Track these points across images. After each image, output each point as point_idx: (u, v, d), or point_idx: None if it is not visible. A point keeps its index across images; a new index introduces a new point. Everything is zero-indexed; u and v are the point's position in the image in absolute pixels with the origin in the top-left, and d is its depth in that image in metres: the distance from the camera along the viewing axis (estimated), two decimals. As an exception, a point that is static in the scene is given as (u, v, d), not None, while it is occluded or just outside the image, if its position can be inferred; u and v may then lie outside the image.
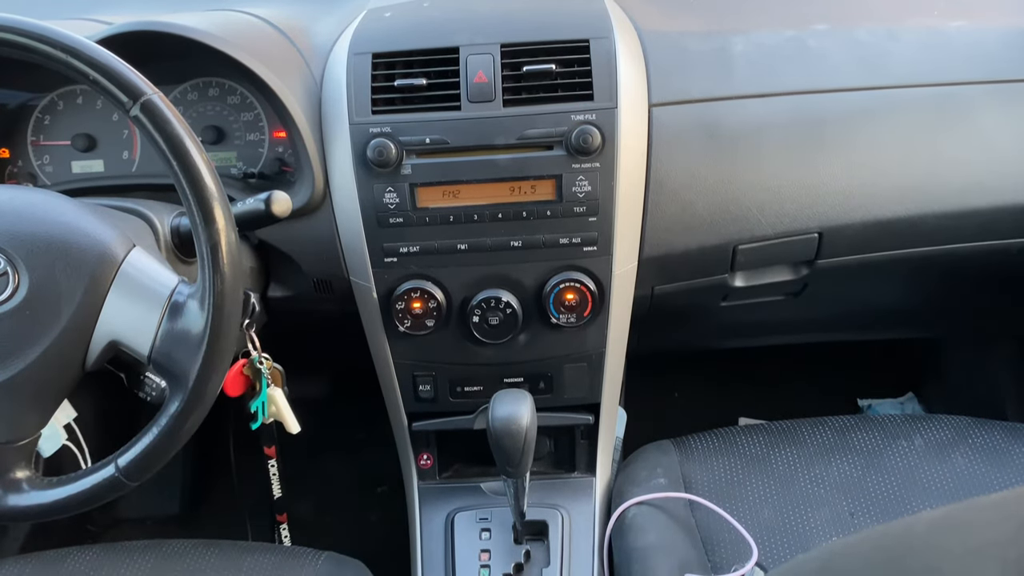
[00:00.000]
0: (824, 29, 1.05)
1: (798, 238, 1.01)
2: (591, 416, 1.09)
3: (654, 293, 1.07)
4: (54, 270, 0.74)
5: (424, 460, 1.12)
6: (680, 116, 0.98)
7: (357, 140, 0.93)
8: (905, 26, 1.06)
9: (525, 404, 0.88)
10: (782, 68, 1.01)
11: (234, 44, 0.94)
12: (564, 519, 1.05)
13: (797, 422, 1.10)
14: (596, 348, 1.02)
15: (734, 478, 1.02)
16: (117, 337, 0.75)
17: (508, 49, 0.95)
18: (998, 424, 1.07)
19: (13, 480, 0.76)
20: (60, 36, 0.71)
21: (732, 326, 1.35)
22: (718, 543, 0.95)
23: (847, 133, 1.00)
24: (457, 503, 1.09)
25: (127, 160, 1.04)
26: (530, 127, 0.92)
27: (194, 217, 0.71)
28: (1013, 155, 1.02)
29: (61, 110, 1.04)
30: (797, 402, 1.54)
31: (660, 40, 1.02)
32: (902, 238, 1.04)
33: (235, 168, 1.04)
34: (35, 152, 1.05)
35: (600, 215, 0.94)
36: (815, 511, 0.97)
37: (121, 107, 0.72)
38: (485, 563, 1.01)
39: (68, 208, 0.78)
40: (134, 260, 0.77)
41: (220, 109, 1.04)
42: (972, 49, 1.05)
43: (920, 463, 1.01)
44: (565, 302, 0.96)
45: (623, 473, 1.08)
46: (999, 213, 1.03)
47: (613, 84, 0.93)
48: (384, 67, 0.95)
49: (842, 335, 1.51)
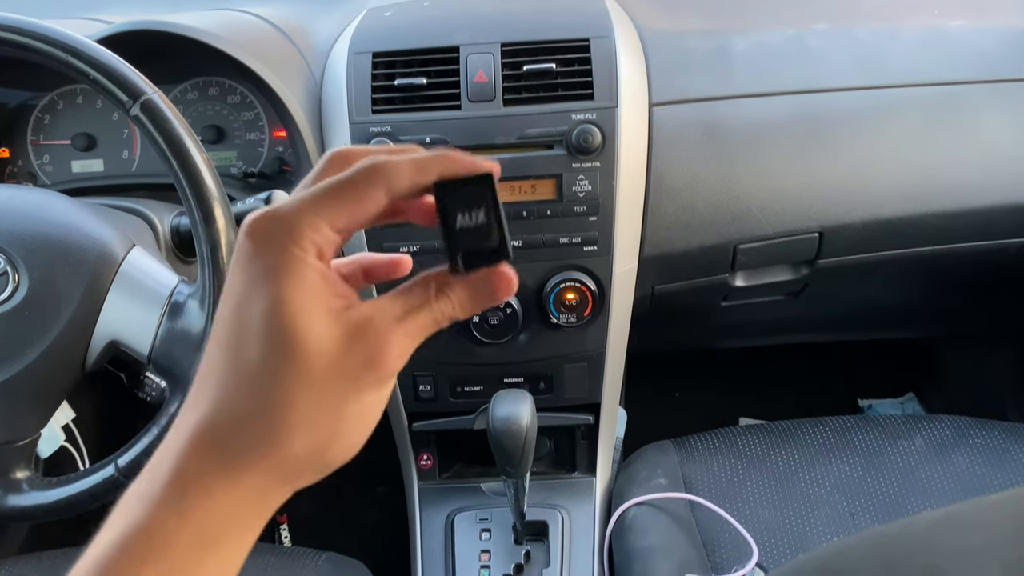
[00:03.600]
0: (825, 28, 1.05)
1: (798, 237, 1.01)
2: (591, 416, 1.08)
3: (654, 293, 1.07)
4: (54, 270, 0.74)
5: (424, 460, 1.12)
6: (680, 115, 0.98)
7: (357, 139, 0.93)
8: (905, 25, 1.06)
9: (525, 404, 0.88)
10: (783, 67, 1.01)
11: (234, 43, 0.94)
12: (564, 519, 1.05)
13: (797, 422, 1.10)
14: (596, 348, 1.02)
15: (734, 478, 1.02)
16: (117, 337, 0.75)
17: (508, 48, 0.95)
18: (998, 424, 1.07)
19: (13, 480, 0.76)
20: (60, 35, 0.71)
21: (733, 326, 1.35)
22: (718, 543, 0.95)
23: (848, 132, 1.00)
24: (457, 503, 1.08)
25: (127, 160, 1.04)
26: (530, 126, 0.92)
27: (194, 217, 0.71)
28: (1013, 154, 1.02)
29: (61, 109, 1.04)
30: (797, 402, 1.54)
31: (660, 39, 1.02)
32: (903, 238, 1.04)
33: (235, 168, 1.04)
34: (35, 151, 1.05)
35: (600, 215, 0.94)
36: (816, 511, 0.97)
37: (121, 106, 0.72)
38: (485, 564, 1.01)
39: (68, 208, 0.78)
40: (134, 260, 0.77)
41: (220, 108, 1.03)
42: (972, 48, 1.05)
43: (920, 463, 1.01)
44: (565, 302, 0.96)
45: (623, 473, 1.08)
46: (999, 212, 1.03)
47: (613, 83, 0.93)
48: (384, 66, 0.95)
49: (843, 335, 1.51)
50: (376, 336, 0.39)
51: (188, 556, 0.37)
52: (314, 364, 0.37)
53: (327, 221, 0.38)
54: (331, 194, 0.38)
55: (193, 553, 0.37)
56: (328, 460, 0.40)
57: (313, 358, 0.37)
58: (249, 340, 0.38)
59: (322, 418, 0.38)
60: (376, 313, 0.39)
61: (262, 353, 0.38)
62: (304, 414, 0.38)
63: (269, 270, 0.38)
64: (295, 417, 0.38)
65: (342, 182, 0.39)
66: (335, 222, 0.38)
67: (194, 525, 0.37)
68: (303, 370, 0.37)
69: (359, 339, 0.38)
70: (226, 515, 0.38)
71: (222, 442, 0.38)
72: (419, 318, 0.40)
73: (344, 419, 0.39)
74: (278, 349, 0.37)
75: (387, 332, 0.39)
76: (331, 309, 0.38)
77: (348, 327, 0.39)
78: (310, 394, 0.38)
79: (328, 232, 0.38)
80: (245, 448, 0.38)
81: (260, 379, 0.38)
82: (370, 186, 0.38)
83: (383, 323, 0.39)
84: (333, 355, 0.38)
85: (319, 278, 0.38)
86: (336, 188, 0.38)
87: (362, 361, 0.38)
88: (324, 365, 0.38)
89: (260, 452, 0.38)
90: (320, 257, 0.39)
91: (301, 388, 0.37)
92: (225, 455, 0.37)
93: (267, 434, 0.38)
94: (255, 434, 0.38)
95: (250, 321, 0.38)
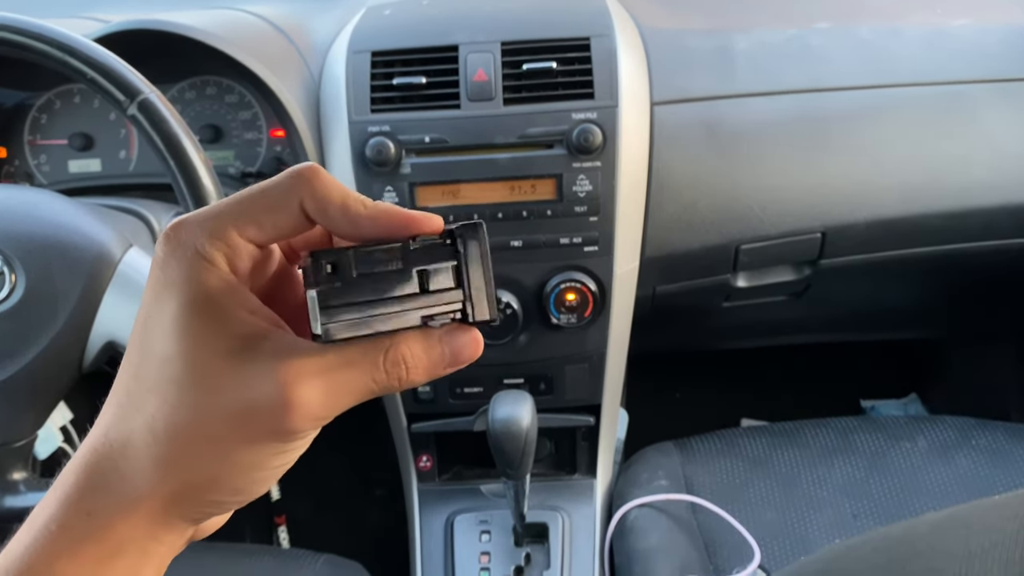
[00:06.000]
0: (827, 27, 1.04)
1: (801, 238, 1.01)
2: (592, 417, 1.08)
3: (656, 293, 1.07)
4: (51, 270, 0.73)
5: (424, 462, 1.11)
6: (682, 114, 0.97)
7: (356, 139, 0.93)
8: (908, 24, 1.06)
9: (525, 405, 0.87)
10: (785, 66, 1.01)
11: (232, 42, 0.94)
12: (565, 521, 1.04)
13: (800, 423, 1.09)
14: (597, 349, 1.02)
15: (736, 480, 1.01)
16: (114, 337, 0.74)
17: (508, 47, 0.94)
18: (1001, 425, 1.07)
19: (10, 482, 0.75)
20: (57, 34, 0.71)
21: (734, 327, 1.35)
22: (720, 545, 0.94)
23: (850, 132, 0.99)
24: (457, 505, 1.08)
25: (124, 159, 1.04)
26: (530, 126, 0.92)
27: (191, 217, 0.71)
28: (1017, 154, 1.01)
29: (58, 109, 1.04)
30: (800, 403, 1.53)
31: (662, 38, 1.01)
32: (905, 238, 1.03)
33: (233, 167, 1.03)
34: (32, 151, 1.04)
35: (601, 214, 0.93)
36: (818, 513, 0.97)
37: (118, 106, 0.71)
38: (485, 566, 1.01)
39: (65, 208, 0.78)
40: (131, 260, 0.76)
41: (218, 108, 1.03)
42: (975, 47, 1.04)
43: (923, 464, 1.01)
44: (566, 302, 0.96)
45: (624, 475, 1.08)
46: (1002, 212, 1.02)
47: (614, 82, 0.93)
48: (383, 65, 0.95)
49: (845, 335, 1.51)
50: (278, 380, 0.33)
51: None
52: (195, 391, 0.33)
53: (236, 228, 0.34)
54: (244, 199, 0.34)
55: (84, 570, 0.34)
56: (212, 503, 0.36)
57: (196, 384, 0.33)
58: (148, 358, 0.34)
59: (197, 457, 0.34)
60: (293, 352, 0.34)
61: (156, 372, 0.34)
62: (176, 447, 0.34)
63: (172, 280, 0.34)
64: (168, 449, 0.34)
65: (260, 186, 0.35)
66: (244, 229, 0.34)
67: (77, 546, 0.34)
68: (185, 399, 0.33)
69: (256, 376, 0.33)
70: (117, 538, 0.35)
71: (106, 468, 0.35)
72: (352, 375, 0.34)
73: (230, 464, 0.34)
74: (166, 368, 0.34)
75: (297, 379, 0.33)
76: (231, 333, 0.34)
77: (245, 358, 0.33)
78: (186, 427, 0.34)
79: (237, 240, 0.34)
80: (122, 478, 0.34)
81: (145, 401, 0.34)
82: (285, 192, 0.34)
83: (297, 367, 0.33)
84: (216, 386, 0.33)
85: (221, 291, 0.34)
86: (249, 193, 0.35)
87: (253, 404, 0.33)
88: (204, 396, 0.33)
89: (137, 482, 0.34)
90: (232, 269, 0.34)
91: (178, 415, 0.33)
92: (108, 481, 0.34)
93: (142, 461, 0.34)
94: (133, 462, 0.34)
95: (151, 338, 0.34)
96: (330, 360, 0.34)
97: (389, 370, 0.35)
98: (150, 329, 0.34)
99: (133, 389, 0.35)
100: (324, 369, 0.33)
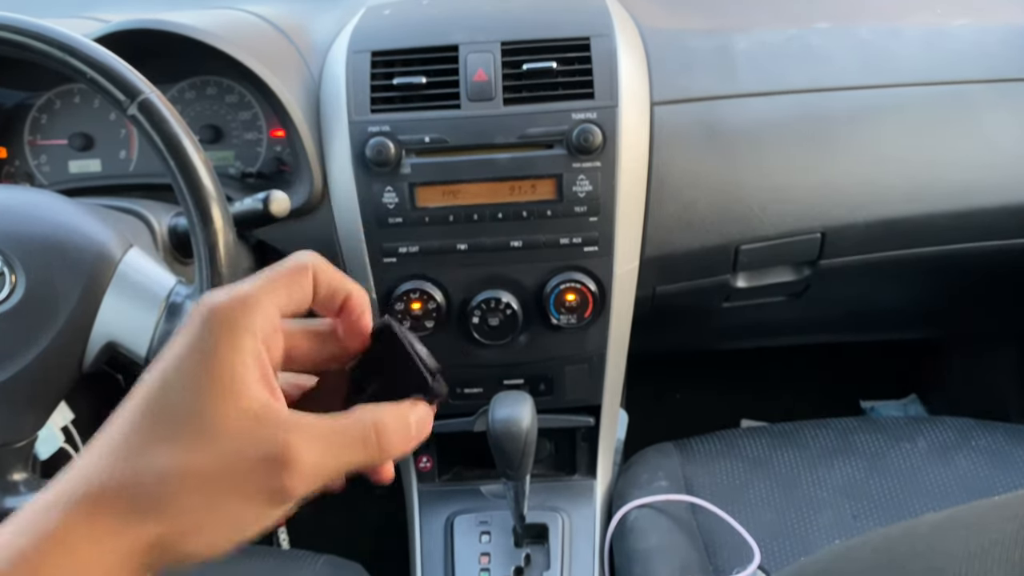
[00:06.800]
0: (827, 27, 1.04)
1: (801, 238, 1.01)
2: (592, 418, 1.08)
3: (656, 294, 1.07)
4: (51, 271, 0.73)
5: (423, 462, 1.11)
6: (682, 114, 0.97)
7: (356, 139, 0.93)
8: (908, 24, 1.05)
9: (525, 406, 0.87)
10: (785, 66, 1.01)
11: (232, 42, 0.94)
12: (565, 522, 1.04)
13: (799, 424, 1.09)
14: (597, 349, 1.02)
15: (736, 481, 1.01)
16: (114, 338, 0.74)
17: (508, 47, 0.94)
18: (1001, 426, 1.07)
19: (10, 483, 0.75)
20: (57, 34, 0.71)
21: (734, 327, 1.35)
22: (720, 546, 0.94)
23: (850, 132, 0.99)
24: (457, 506, 1.08)
25: (124, 160, 1.04)
26: (530, 126, 0.92)
27: (192, 217, 0.71)
28: (1017, 154, 1.01)
29: (58, 109, 1.04)
30: (799, 404, 1.54)
31: (662, 38, 1.01)
32: (905, 238, 1.03)
33: (233, 167, 1.03)
34: (32, 151, 1.04)
35: (601, 215, 0.93)
36: (818, 514, 0.97)
37: (118, 106, 0.71)
38: (485, 567, 1.01)
39: (65, 208, 0.78)
40: (131, 261, 0.76)
41: (218, 108, 1.03)
42: (975, 47, 1.04)
43: (923, 465, 1.01)
44: (566, 303, 0.96)
45: (624, 476, 1.08)
46: (1003, 213, 1.02)
47: (614, 82, 0.93)
48: (383, 65, 0.95)
49: (845, 336, 1.51)
50: (282, 440, 0.38)
51: None
52: (212, 444, 0.38)
53: (273, 301, 0.41)
54: (272, 278, 0.42)
55: None
56: (182, 554, 0.39)
57: (214, 438, 0.38)
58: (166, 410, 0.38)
59: (193, 504, 0.38)
60: (293, 417, 0.39)
61: (172, 422, 0.38)
62: (179, 491, 0.37)
63: (209, 341, 0.39)
64: (170, 490, 0.37)
65: (276, 269, 0.42)
66: (278, 300, 0.41)
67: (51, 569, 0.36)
68: (200, 450, 0.38)
69: (266, 438, 0.38)
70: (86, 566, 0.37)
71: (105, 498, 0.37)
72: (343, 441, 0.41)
73: (218, 515, 0.38)
74: (186, 422, 0.38)
75: (299, 441, 0.39)
76: (250, 395, 0.39)
77: (259, 422, 0.38)
78: (195, 475, 0.37)
79: (273, 312, 0.41)
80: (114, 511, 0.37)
81: (156, 449, 0.38)
82: (298, 271, 0.42)
83: (298, 430, 0.39)
84: (227, 445, 0.38)
85: (252, 358, 0.39)
86: (273, 274, 0.42)
87: (259, 459, 0.38)
88: (217, 448, 0.38)
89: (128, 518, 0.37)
90: (264, 341, 0.40)
91: (191, 464, 0.37)
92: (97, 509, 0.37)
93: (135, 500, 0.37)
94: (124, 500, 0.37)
95: (170, 392, 0.38)
96: (325, 427, 0.40)
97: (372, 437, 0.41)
98: (170, 383, 0.39)
99: (144, 436, 0.38)
100: (321, 435, 0.39)
